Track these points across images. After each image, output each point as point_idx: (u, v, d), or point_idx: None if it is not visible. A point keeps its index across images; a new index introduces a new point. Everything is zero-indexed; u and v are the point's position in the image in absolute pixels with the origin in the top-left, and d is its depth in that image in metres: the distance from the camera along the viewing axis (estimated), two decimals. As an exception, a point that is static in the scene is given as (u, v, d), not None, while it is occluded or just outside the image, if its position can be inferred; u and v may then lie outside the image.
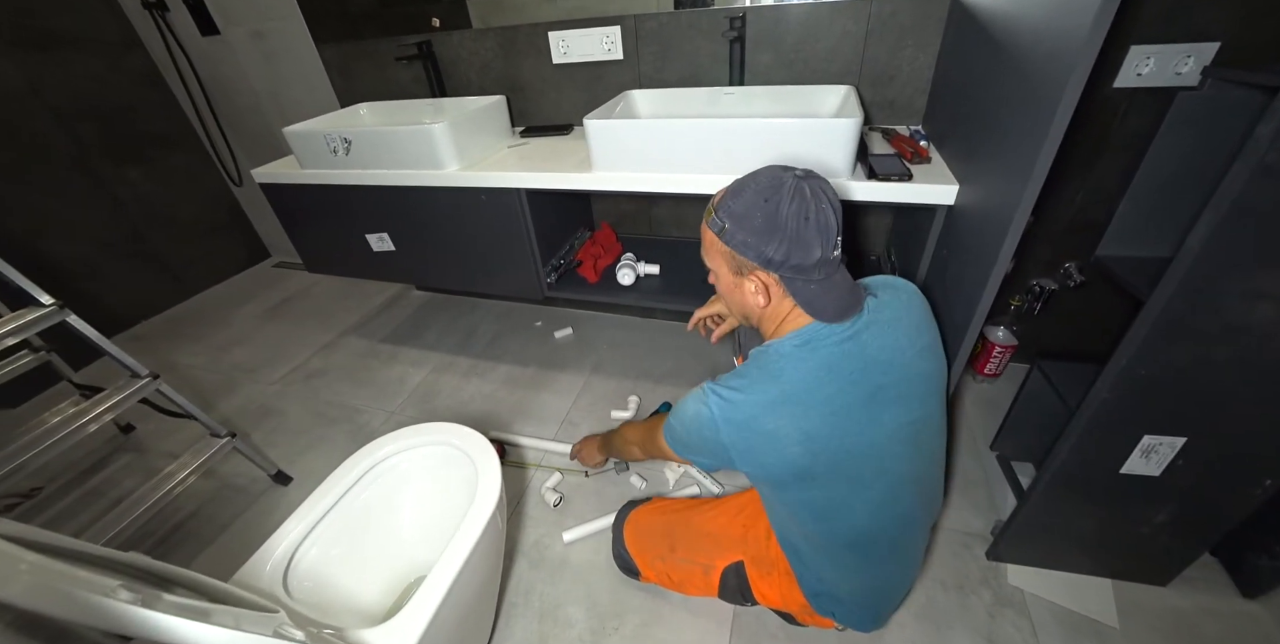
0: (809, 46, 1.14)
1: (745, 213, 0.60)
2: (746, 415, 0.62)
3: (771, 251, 0.59)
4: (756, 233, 0.59)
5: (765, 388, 0.62)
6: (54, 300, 0.93)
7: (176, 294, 2.14)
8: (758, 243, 0.60)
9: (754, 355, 0.66)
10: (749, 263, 0.62)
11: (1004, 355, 1.35)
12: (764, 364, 0.64)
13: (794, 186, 0.58)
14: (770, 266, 0.61)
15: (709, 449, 0.66)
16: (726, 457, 0.64)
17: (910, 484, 0.69)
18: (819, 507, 0.67)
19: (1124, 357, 0.67)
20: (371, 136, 1.17)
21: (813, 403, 0.61)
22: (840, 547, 0.71)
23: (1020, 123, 0.63)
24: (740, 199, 0.60)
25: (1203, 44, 0.92)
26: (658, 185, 1.03)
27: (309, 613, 0.69)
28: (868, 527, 0.69)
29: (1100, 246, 0.97)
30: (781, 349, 0.63)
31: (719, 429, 0.63)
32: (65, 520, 1.23)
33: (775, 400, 0.61)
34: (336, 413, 1.49)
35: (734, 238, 0.61)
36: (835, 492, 0.65)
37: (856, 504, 0.67)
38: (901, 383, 0.64)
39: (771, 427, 0.61)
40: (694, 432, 0.66)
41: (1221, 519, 0.82)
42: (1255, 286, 0.59)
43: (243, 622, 0.43)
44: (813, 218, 0.58)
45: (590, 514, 1.12)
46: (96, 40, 1.80)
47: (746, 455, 0.63)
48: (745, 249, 0.61)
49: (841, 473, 0.63)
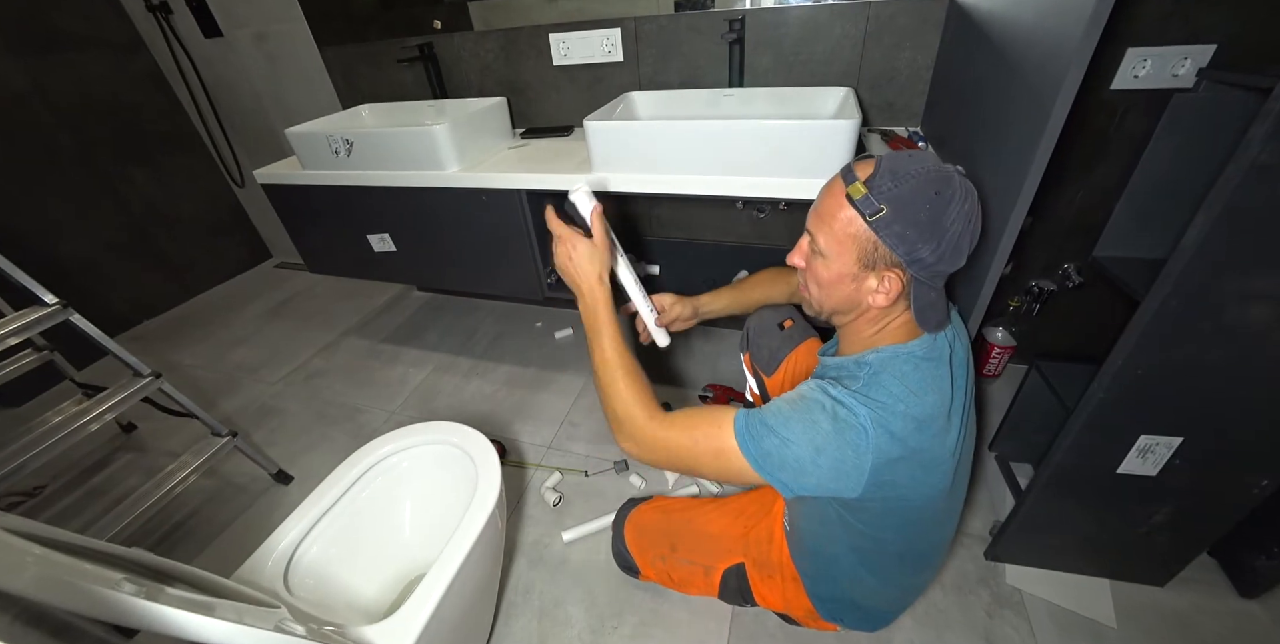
0: (808, 48, 1.14)
1: (911, 202, 0.51)
2: (902, 432, 0.54)
3: (926, 252, 0.52)
4: (919, 227, 0.51)
5: (915, 400, 0.54)
6: (58, 299, 0.94)
7: (179, 294, 2.15)
8: (916, 239, 0.51)
9: (882, 361, 0.57)
10: (893, 258, 0.53)
11: (1002, 356, 1.36)
12: (903, 373, 0.55)
13: (962, 185, 0.52)
14: (914, 266, 0.53)
15: (839, 472, 0.54)
16: (856, 482, 0.54)
17: (963, 494, 0.70)
18: (897, 523, 0.62)
19: (1120, 357, 0.68)
20: (373, 138, 1.18)
21: (949, 417, 0.56)
22: (891, 557, 0.68)
23: (1017, 124, 0.64)
24: (906, 184, 0.51)
25: (1199, 46, 0.93)
26: (657, 187, 1.03)
27: (310, 610, 0.69)
28: (931, 538, 0.69)
29: (1097, 247, 0.98)
30: (914, 355, 0.57)
31: (868, 450, 0.53)
32: (68, 518, 1.23)
33: (927, 416, 0.54)
34: (337, 413, 1.50)
35: (889, 227, 0.52)
36: (926, 508, 0.62)
37: (930, 517, 0.64)
38: (969, 394, 0.63)
39: (922, 446, 0.55)
40: (831, 449, 0.54)
41: (1219, 519, 0.82)
42: (1250, 287, 0.59)
43: (245, 616, 0.43)
44: (974, 222, 0.52)
45: (589, 514, 1.13)
46: (101, 42, 1.81)
47: (885, 479, 0.55)
48: (899, 242, 0.52)
49: (944, 489, 0.61)
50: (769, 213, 1.37)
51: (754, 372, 0.94)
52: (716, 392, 1.38)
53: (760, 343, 0.91)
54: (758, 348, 0.92)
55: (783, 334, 0.91)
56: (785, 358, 0.89)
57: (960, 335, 0.64)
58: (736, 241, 1.48)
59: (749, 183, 0.97)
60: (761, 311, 0.94)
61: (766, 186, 0.96)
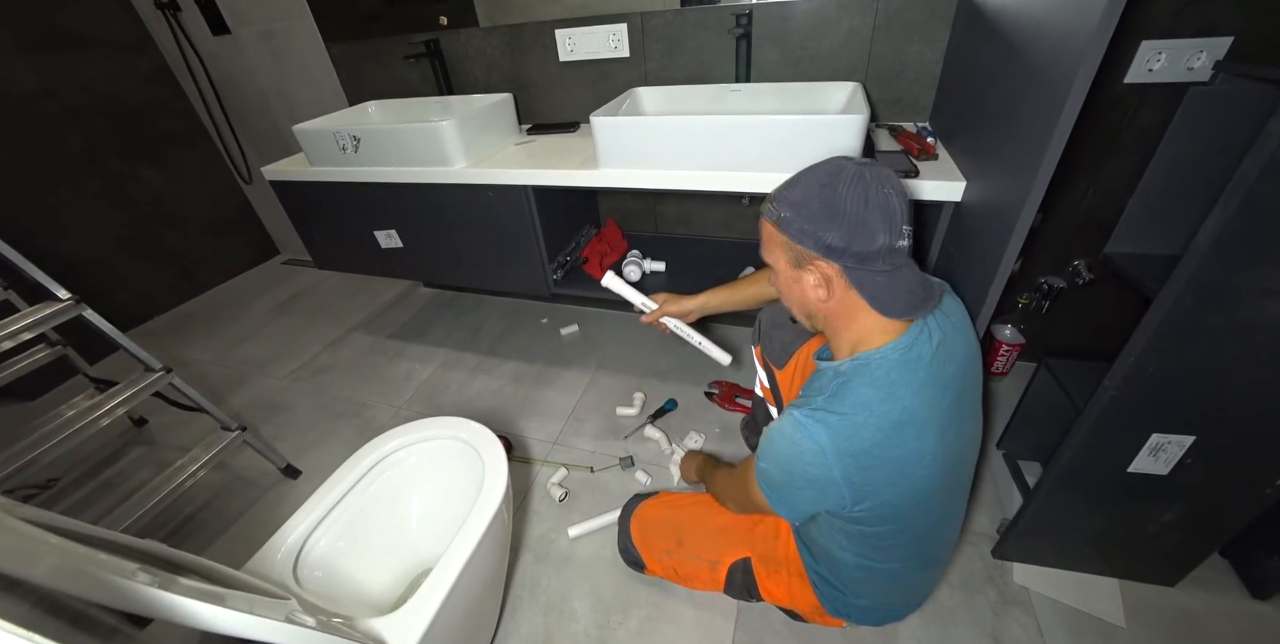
0: (815, 43, 1.13)
1: (802, 199, 0.58)
2: (868, 442, 0.55)
3: (831, 238, 0.56)
4: (814, 219, 0.56)
5: (885, 407, 0.55)
6: (71, 295, 0.95)
7: (188, 290, 2.17)
8: (815, 229, 0.56)
9: (855, 368, 0.58)
10: (808, 252, 0.58)
11: (1011, 354, 1.35)
12: (874, 378, 0.56)
13: (854, 172, 0.56)
14: (831, 254, 0.57)
15: (816, 489, 0.58)
16: (838, 495, 0.58)
17: (967, 492, 0.69)
18: (893, 527, 0.63)
19: (1132, 354, 0.67)
20: (380, 134, 1.18)
21: (930, 418, 0.56)
22: (895, 558, 0.68)
23: (1028, 119, 0.63)
24: (797, 187, 0.59)
25: (1215, 39, 0.91)
26: (664, 182, 1.03)
27: (319, 602, 0.70)
28: (935, 539, 0.69)
29: (1109, 244, 0.96)
30: (888, 359, 0.57)
31: (830, 464, 0.55)
32: (80, 511, 1.25)
33: (899, 421, 0.55)
34: (344, 408, 1.51)
35: (791, 225, 0.58)
36: (919, 510, 0.62)
37: (927, 518, 0.64)
38: (971, 390, 0.62)
39: (897, 452, 0.55)
40: (797, 471, 0.58)
41: (1231, 519, 0.81)
42: (1266, 283, 0.58)
43: (256, 607, 0.44)
44: (873, 201, 0.55)
45: (595, 510, 1.13)
46: (110, 41, 1.83)
47: (865, 490, 0.57)
48: (803, 237, 0.58)
49: (941, 492, 0.61)
50: (775, 209, 1.37)
51: (765, 364, 0.94)
52: (722, 388, 1.38)
53: (773, 335, 0.91)
54: (770, 340, 0.91)
55: (796, 327, 0.90)
56: (797, 351, 0.89)
57: (958, 330, 0.63)
58: (742, 238, 1.47)
59: (755, 179, 0.97)
60: (775, 304, 0.94)
61: (773, 183, 0.94)
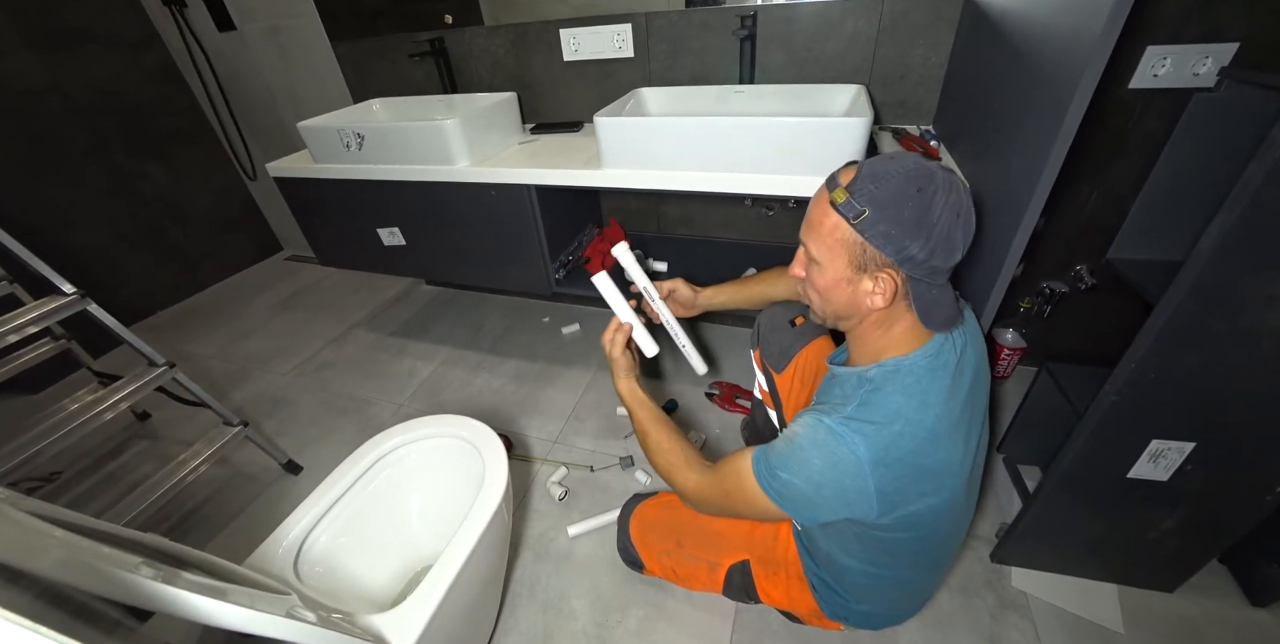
0: (820, 45, 1.13)
1: (893, 201, 0.51)
2: (905, 452, 0.53)
3: (916, 249, 0.52)
4: (904, 226, 0.51)
5: (920, 416, 0.54)
6: (75, 289, 0.96)
7: (191, 286, 2.18)
8: (902, 237, 0.51)
9: (885, 374, 0.57)
10: (883, 258, 0.53)
11: (1012, 358, 1.34)
12: (906, 386, 0.55)
13: (945, 179, 0.52)
14: (906, 264, 0.53)
15: (845, 501, 0.56)
16: (867, 506, 0.55)
17: (975, 499, 0.69)
18: (913, 535, 0.62)
19: (1133, 359, 0.67)
20: (384, 132, 1.19)
21: (956, 426, 0.55)
22: (907, 567, 0.68)
23: (1032, 123, 0.63)
24: (886, 185, 0.52)
25: (1221, 45, 0.91)
26: (666, 183, 1.03)
27: (319, 598, 0.71)
28: (944, 546, 0.68)
29: (1112, 249, 0.96)
30: (918, 365, 0.56)
31: (865, 474, 0.53)
32: (83, 504, 1.26)
33: (933, 430, 0.54)
34: (346, 404, 1.52)
35: (874, 228, 0.52)
36: (942, 518, 0.61)
37: (946, 527, 0.64)
38: (982, 396, 0.62)
39: (929, 461, 0.54)
40: (829, 483, 0.55)
41: (1231, 525, 0.81)
42: (1269, 289, 0.58)
43: (257, 602, 0.44)
44: (963, 215, 0.52)
45: (594, 509, 1.13)
46: (117, 37, 1.83)
47: (895, 500, 0.55)
48: (886, 242, 0.52)
49: (959, 499, 0.60)
50: (778, 211, 1.37)
51: (764, 368, 0.94)
52: (723, 388, 1.38)
53: (771, 339, 0.91)
54: (768, 344, 0.91)
55: (794, 331, 0.90)
56: (796, 355, 0.89)
57: (974, 339, 0.63)
58: (744, 239, 1.47)
59: (758, 180, 0.97)
60: (773, 308, 0.94)
61: (776, 184, 0.96)
